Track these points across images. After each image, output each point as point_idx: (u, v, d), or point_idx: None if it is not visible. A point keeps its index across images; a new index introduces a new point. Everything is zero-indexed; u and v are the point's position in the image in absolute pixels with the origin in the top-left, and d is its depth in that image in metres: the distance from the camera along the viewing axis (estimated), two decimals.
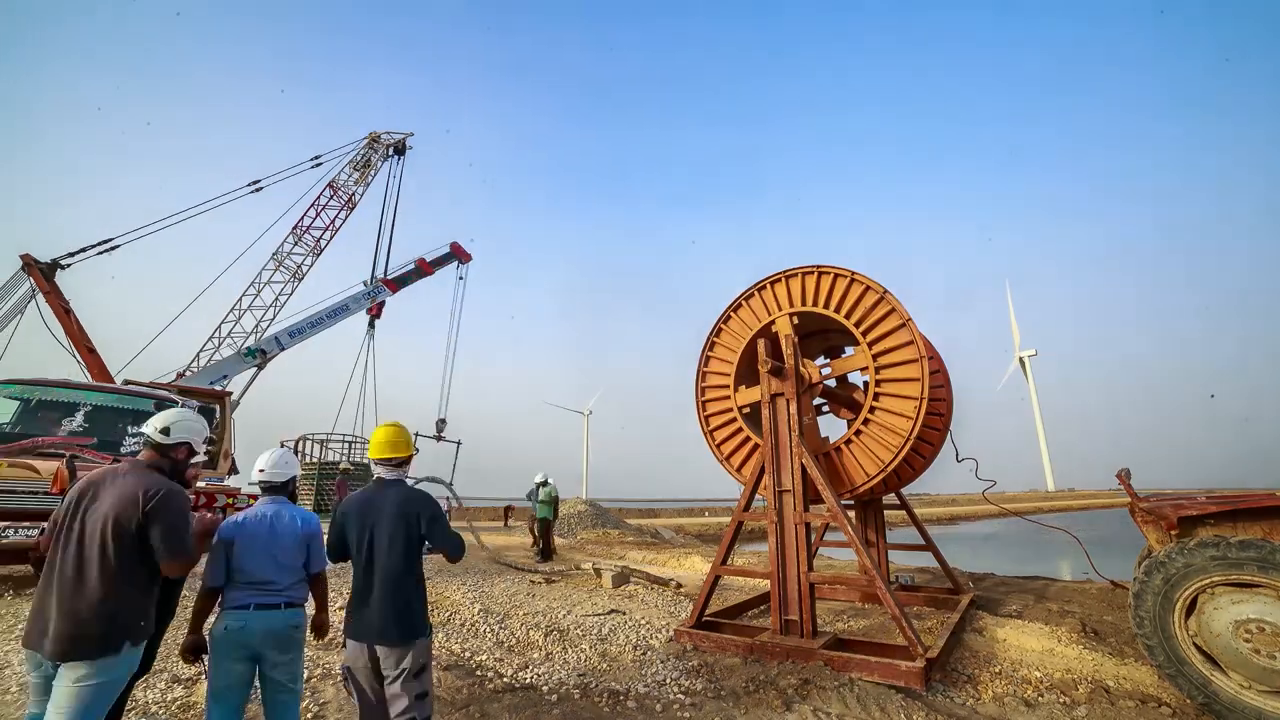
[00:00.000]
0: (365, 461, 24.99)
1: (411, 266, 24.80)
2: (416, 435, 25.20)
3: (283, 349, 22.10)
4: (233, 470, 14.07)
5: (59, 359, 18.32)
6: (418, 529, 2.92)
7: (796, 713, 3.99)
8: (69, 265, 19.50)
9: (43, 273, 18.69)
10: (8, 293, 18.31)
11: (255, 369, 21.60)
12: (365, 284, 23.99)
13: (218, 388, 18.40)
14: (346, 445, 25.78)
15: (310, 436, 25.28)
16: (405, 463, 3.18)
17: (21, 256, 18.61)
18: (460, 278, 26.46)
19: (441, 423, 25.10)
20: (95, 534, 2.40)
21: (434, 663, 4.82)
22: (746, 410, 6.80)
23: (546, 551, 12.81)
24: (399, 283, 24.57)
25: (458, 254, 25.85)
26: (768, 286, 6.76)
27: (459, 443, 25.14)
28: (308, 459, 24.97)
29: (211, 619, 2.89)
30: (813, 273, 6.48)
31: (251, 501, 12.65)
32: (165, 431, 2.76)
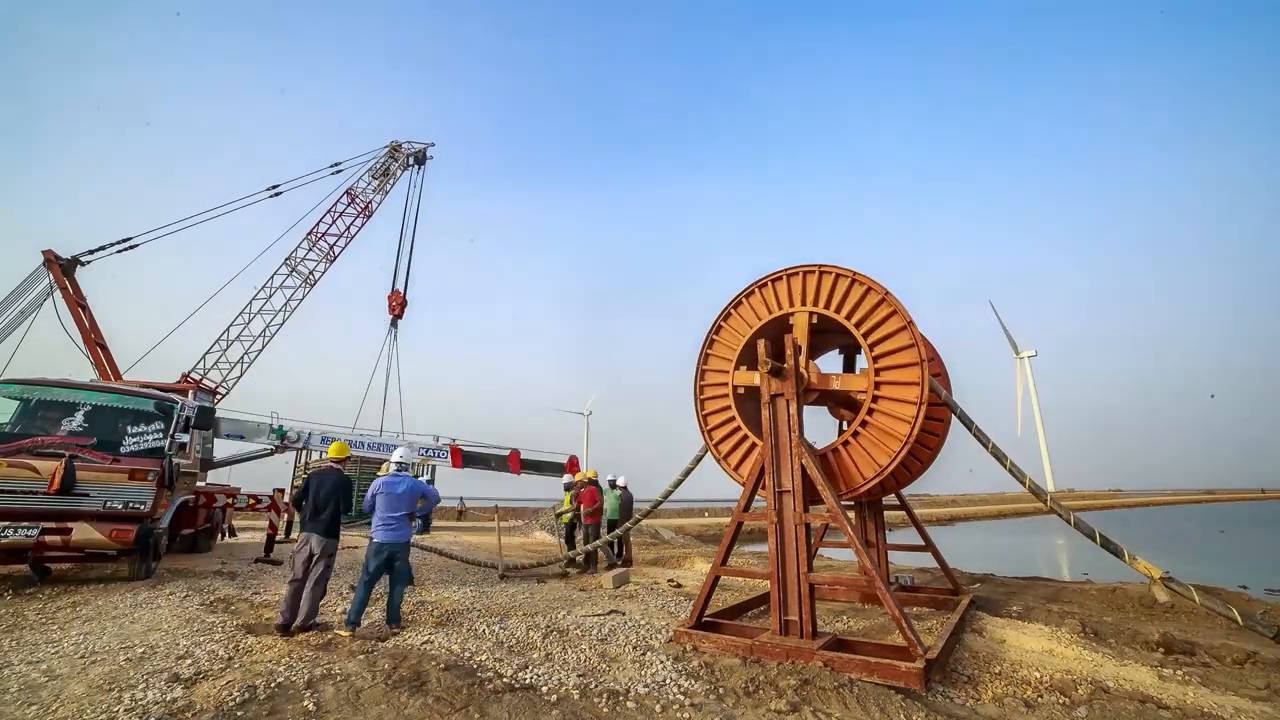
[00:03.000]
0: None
1: (499, 454, 20.66)
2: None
3: (306, 448, 20.16)
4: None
5: (67, 355, 18.40)
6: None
7: (796, 713, 3.99)
8: (89, 263, 19.59)
9: (62, 269, 18.78)
10: (27, 288, 18.43)
11: (271, 449, 19.73)
12: (435, 439, 21.16)
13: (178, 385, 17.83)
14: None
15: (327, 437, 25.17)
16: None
17: (44, 253, 18.69)
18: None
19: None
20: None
21: (434, 662, 4.83)
22: (742, 391, 6.78)
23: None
24: (467, 461, 20.82)
25: (572, 472, 20.89)
26: (769, 285, 6.74)
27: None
28: (319, 455, 24.81)
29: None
30: (813, 272, 6.46)
31: (251, 501, 12.66)
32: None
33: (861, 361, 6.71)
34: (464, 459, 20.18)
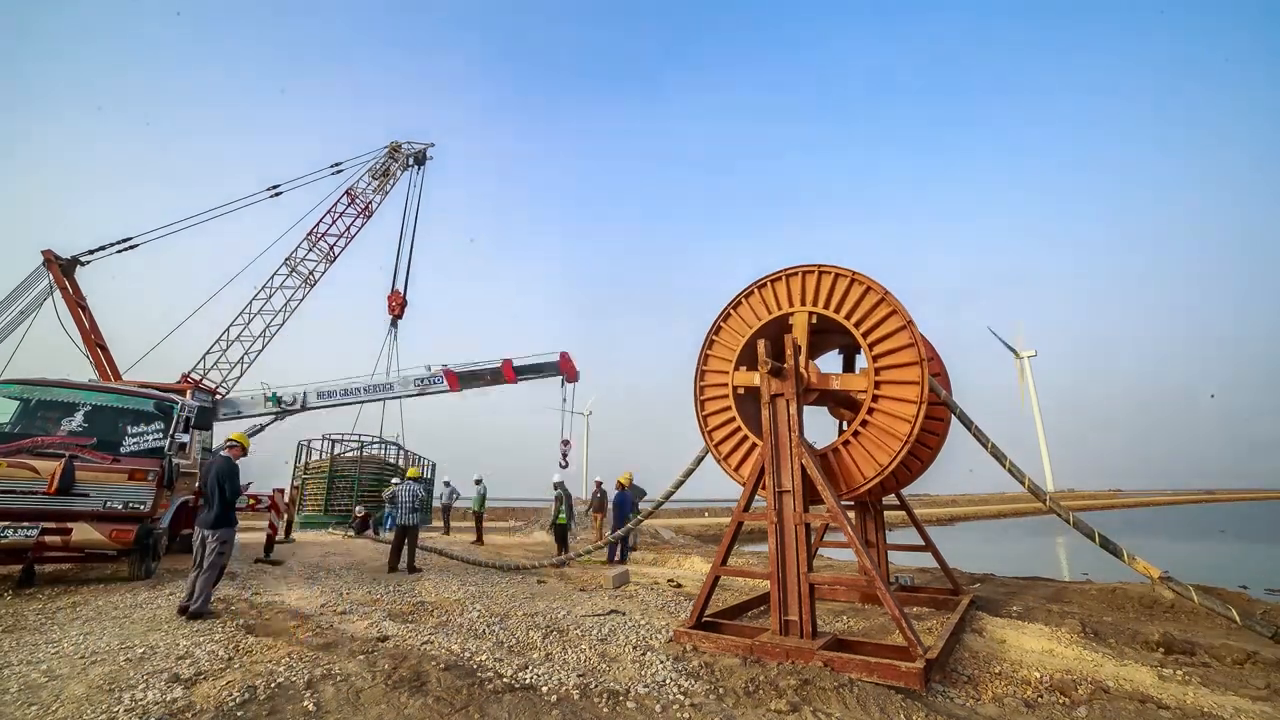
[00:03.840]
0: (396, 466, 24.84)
1: (493, 367, 20.32)
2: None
3: (305, 409, 20.40)
4: None
5: (67, 355, 18.40)
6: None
7: (796, 713, 3.99)
8: (88, 263, 19.60)
9: (62, 269, 18.79)
10: (26, 288, 18.45)
11: (272, 417, 20.21)
12: (428, 368, 21.18)
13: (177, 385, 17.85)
14: (360, 447, 25.73)
15: (329, 436, 25.25)
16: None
17: (44, 253, 18.70)
18: (564, 399, 21.82)
19: (566, 444, 22.75)
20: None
21: (434, 662, 4.83)
22: (742, 391, 6.78)
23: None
24: (464, 381, 20.37)
25: (565, 371, 20.68)
26: (768, 285, 6.74)
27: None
28: (319, 455, 24.92)
29: None
30: (813, 272, 6.47)
31: (251, 501, 12.64)
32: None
33: (861, 361, 6.71)
34: (460, 380, 20.42)
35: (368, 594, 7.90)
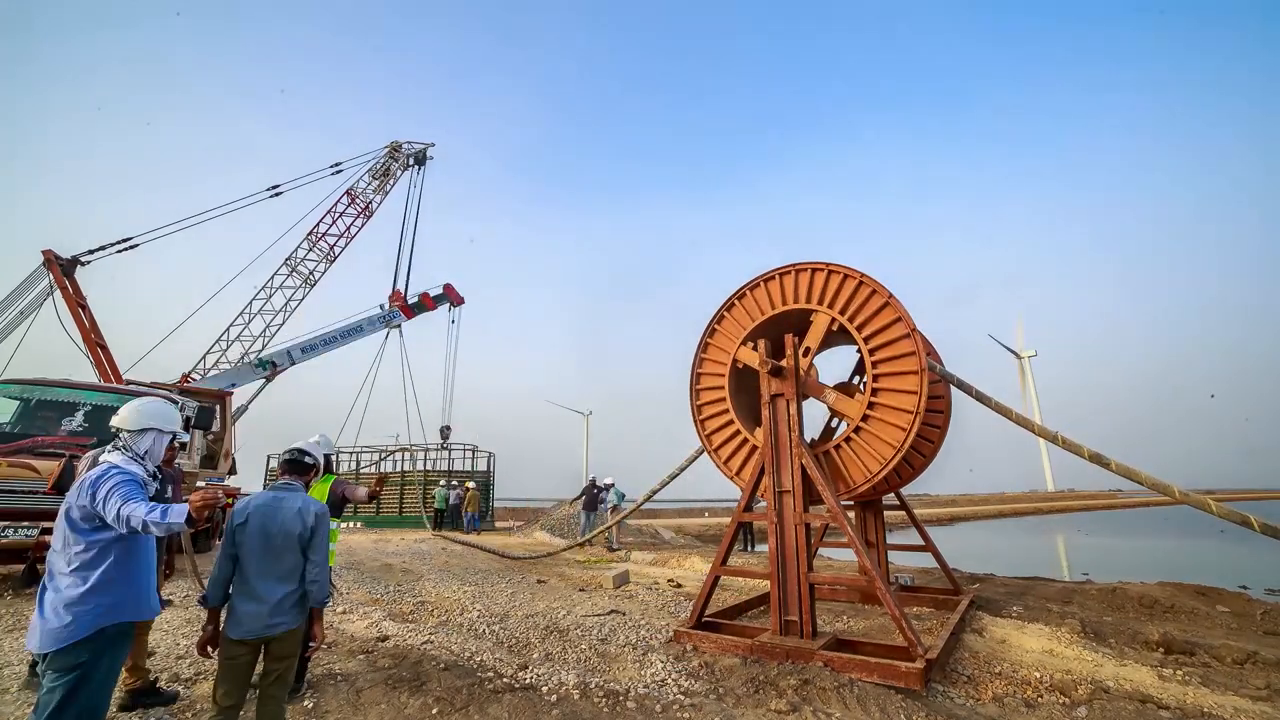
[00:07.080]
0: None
1: (416, 299, 26.41)
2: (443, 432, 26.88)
3: (293, 363, 22.53)
4: (232, 470, 14.15)
5: (67, 355, 18.39)
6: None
7: (796, 713, 3.99)
8: (89, 263, 19.60)
9: (62, 269, 18.80)
10: (26, 288, 18.45)
11: (264, 380, 21.99)
12: (382, 307, 24.46)
13: (221, 389, 18.39)
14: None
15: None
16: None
17: (44, 253, 18.69)
18: (453, 321, 27.47)
19: (446, 429, 26.59)
20: None
21: (434, 662, 4.82)
22: (741, 366, 6.73)
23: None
24: (415, 310, 25.61)
25: (449, 296, 27.66)
26: (760, 285, 6.73)
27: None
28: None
29: None
30: (805, 269, 6.47)
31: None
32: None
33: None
34: (411, 309, 25.09)
35: (368, 594, 7.91)
